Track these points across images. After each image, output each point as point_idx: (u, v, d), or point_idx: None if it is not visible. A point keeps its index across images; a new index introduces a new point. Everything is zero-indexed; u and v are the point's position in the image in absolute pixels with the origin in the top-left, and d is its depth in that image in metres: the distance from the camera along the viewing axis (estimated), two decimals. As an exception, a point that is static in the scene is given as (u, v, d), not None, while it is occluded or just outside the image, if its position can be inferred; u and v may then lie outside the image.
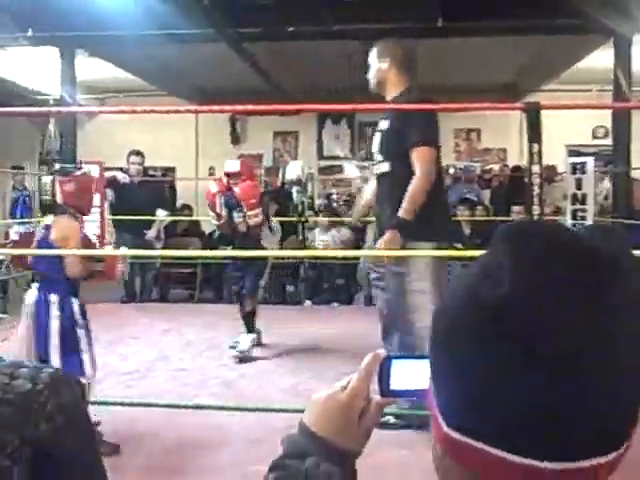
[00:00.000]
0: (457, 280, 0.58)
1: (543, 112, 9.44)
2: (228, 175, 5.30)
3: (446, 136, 11.55)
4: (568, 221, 6.19)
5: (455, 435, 0.55)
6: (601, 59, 7.73)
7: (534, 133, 2.62)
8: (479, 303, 0.53)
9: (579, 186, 6.09)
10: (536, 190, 2.61)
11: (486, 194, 9.48)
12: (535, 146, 2.61)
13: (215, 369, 4.93)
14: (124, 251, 4.12)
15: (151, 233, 7.53)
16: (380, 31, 7.09)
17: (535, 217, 2.62)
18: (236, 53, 7.89)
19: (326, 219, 8.55)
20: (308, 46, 8.10)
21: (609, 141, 7.90)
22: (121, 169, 7.72)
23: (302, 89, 10.71)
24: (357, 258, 7.36)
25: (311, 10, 6.91)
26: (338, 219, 8.75)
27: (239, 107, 6.22)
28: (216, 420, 3.79)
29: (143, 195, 7.45)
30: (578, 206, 6.05)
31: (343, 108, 9.74)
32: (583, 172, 6.07)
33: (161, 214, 7.59)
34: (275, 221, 5.78)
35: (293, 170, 11.23)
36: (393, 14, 6.84)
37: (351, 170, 11.76)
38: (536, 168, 2.62)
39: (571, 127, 10.31)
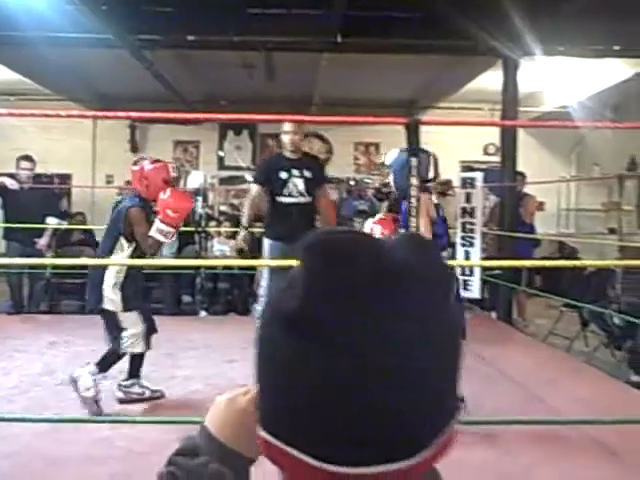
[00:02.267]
0: (271, 293, 0.60)
1: (439, 129, 9.79)
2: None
3: (346, 149, 11.79)
4: (458, 233, 6.45)
5: (267, 437, 0.57)
6: (492, 79, 8.10)
7: (413, 147, 2.71)
8: (280, 313, 0.55)
9: (468, 200, 6.35)
10: (414, 203, 2.70)
11: (384, 206, 9.70)
12: (413, 160, 2.70)
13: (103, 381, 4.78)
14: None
15: (42, 242, 7.26)
16: (281, 44, 7.20)
17: (412, 229, 2.72)
18: (137, 60, 7.77)
19: (230, 229, 8.49)
20: (209, 55, 8.07)
21: (499, 157, 8.27)
22: (11, 175, 7.41)
23: (204, 98, 10.65)
24: (254, 268, 7.35)
25: (212, 20, 6.90)
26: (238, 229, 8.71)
27: (134, 114, 6.12)
28: (101, 434, 3.68)
29: (33, 202, 7.17)
30: (467, 219, 6.31)
31: (243, 118, 9.75)
32: (472, 187, 6.34)
33: (52, 222, 7.33)
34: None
35: (195, 180, 11.13)
36: (294, 28, 6.94)
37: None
38: (414, 181, 2.72)
39: (464, 144, 10.74)
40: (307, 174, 5.01)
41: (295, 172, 5.00)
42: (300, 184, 4.99)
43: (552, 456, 3.47)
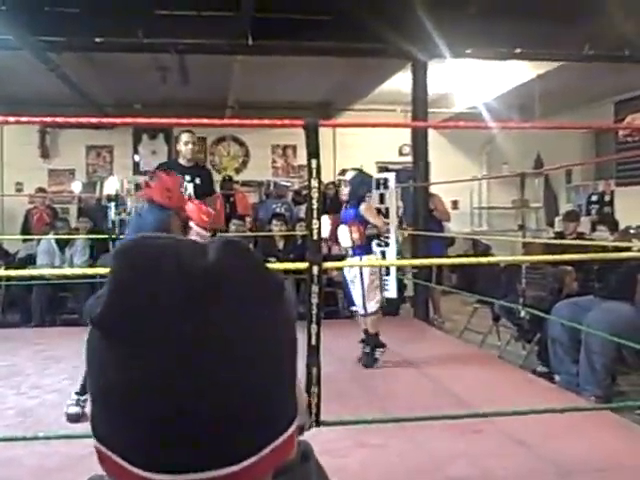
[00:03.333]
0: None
1: (355, 131, 9.89)
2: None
3: (264, 152, 11.76)
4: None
5: (95, 443, 0.56)
6: (404, 82, 8.25)
7: (313, 149, 2.73)
8: (91, 319, 0.54)
9: (382, 200, 6.44)
10: (315, 205, 2.72)
11: (303, 209, 9.73)
12: (314, 162, 2.72)
13: (12, 398, 4.60)
14: None
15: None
16: (192, 46, 7.11)
17: (314, 231, 2.72)
18: (41, 62, 7.51)
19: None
20: (120, 58, 7.89)
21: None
22: None
23: (116, 102, 10.41)
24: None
25: (120, 21, 6.75)
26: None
27: (46, 118, 5.89)
28: (10, 453, 3.53)
29: None
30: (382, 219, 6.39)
31: (158, 122, 9.55)
32: (386, 187, 6.43)
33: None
34: None
35: (111, 185, 10.85)
36: (205, 30, 6.87)
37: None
38: (315, 183, 2.74)
39: (380, 145, 10.89)
40: (197, 181, 5.61)
41: (187, 178, 5.53)
42: (190, 188, 5.54)
43: (465, 449, 3.56)
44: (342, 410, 4.05)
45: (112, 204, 9.96)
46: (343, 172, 6.55)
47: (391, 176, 6.54)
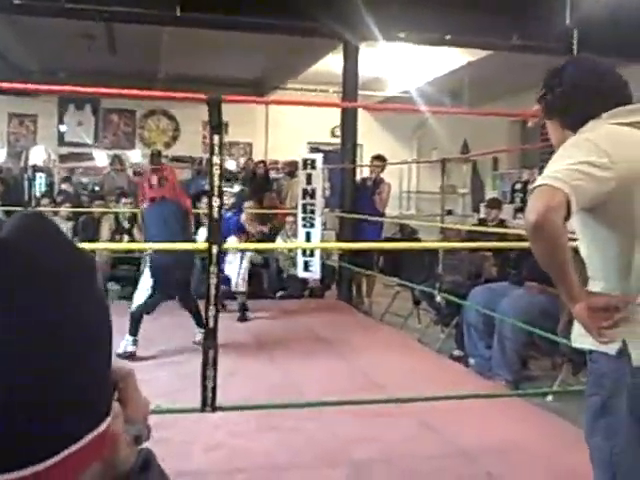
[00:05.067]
0: None
1: (287, 109, 9.78)
2: None
3: (195, 127, 11.55)
4: (299, 214, 6.50)
5: None
6: (338, 63, 8.20)
7: (215, 124, 2.67)
8: None
9: (309, 181, 6.39)
10: (216, 182, 2.66)
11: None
12: (216, 138, 2.66)
13: None
14: None
15: None
16: (118, 14, 6.86)
17: (215, 208, 2.67)
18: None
19: (68, 209, 8.07)
20: (43, 22, 7.55)
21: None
22: None
23: (39, 68, 10.01)
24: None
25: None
26: (83, 210, 8.37)
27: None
28: None
29: None
30: (308, 200, 6.36)
31: (83, 91, 9.23)
32: (313, 168, 6.38)
33: None
34: None
35: (38, 155, 10.47)
36: (132, -2, 6.64)
37: (101, 158, 11.27)
38: (216, 159, 2.67)
39: (313, 125, 10.84)
40: None
41: None
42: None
43: (375, 433, 3.58)
44: (255, 392, 4.03)
45: (42, 175, 9.66)
46: (232, 185, 7.56)
47: (318, 157, 6.50)
